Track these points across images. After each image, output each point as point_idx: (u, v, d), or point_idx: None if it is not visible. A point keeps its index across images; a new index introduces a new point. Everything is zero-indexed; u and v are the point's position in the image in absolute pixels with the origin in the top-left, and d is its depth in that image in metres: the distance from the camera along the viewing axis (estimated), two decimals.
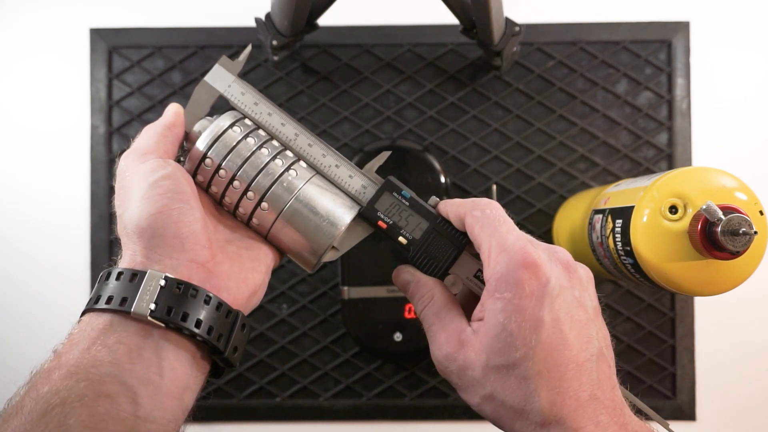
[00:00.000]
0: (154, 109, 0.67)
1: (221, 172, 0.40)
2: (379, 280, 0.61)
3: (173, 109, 0.42)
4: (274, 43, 0.58)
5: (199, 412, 0.67)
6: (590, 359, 0.34)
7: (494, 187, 0.65)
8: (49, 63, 0.68)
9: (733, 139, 0.67)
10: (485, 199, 0.39)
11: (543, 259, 0.35)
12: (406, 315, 0.61)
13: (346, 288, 0.61)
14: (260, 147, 0.41)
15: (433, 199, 0.41)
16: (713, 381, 0.65)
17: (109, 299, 0.35)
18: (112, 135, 0.67)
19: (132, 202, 0.37)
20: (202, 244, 0.37)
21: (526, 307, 0.34)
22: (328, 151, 0.42)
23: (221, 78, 0.42)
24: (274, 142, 0.42)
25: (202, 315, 0.35)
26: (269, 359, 0.65)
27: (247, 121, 0.42)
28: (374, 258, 0.60)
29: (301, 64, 0.67)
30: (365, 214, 0.41)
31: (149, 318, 0.34)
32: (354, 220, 0.41)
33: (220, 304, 0.36)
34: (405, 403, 0.65)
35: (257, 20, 0.59)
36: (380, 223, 0.41)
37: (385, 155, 0.43)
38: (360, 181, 0.41)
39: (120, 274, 0.35)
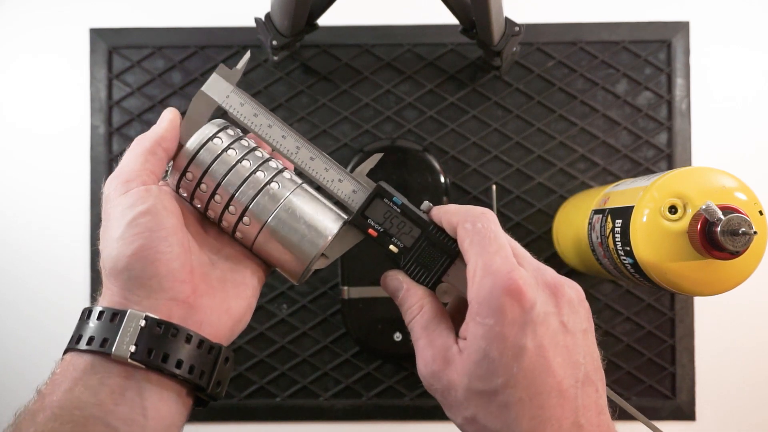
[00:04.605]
0: (154, 109, 0.67)
1: (202, 186, 0.39)
2: (379, 280, 0.60)
3: (168, 118, 0.40)
4: (274, 43, 0.58)
5: (199, 412, 0.67)
6: (575, 385, 0.34)
7: (494, 187, 0.65)
8: (49, 63, 0.68)
9: (733, 139, 0.67)
10: (479, 209, 0.37)
11: (529, 284, 0.34)
12: None
13: (346, 288, 0.61)
14: (242, 159, 0.39)
15: (426, 204, 0.40)
16: (713, 381, 0.65)
17: (90, 340, 0.34)
18: (112, 135, 0.67)
19: (109, 241, 0.36)
20: (181, 279, 0.36)
21: (507, 335, 0.33)
22: (330, 164, 0.40)
23: (219, 88, 0.41)
24: (258, 152, 0.40)
25: (183, 354, 0.35)
26: (269, 359, 0.65)
27: (230, 130, 0.40)
28: (374, 258, 0.60)
29: (301, 64, 0.67)
30: (355, 222, 0.40)
31: (129, 360, 0.34)
32: (343, 227, 0.40)
33: (202, 342, 0.36)
34: (405, 403, 0.65)
35: (257, 20, 0.59)
36: (370, 231, 0.40)
37: (376, 158, 0.41)
38: (350, 186, 0.40)
39: (101, 313, 0.35)
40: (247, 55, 0.43)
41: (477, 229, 0.36)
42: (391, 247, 0.39)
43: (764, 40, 0.68)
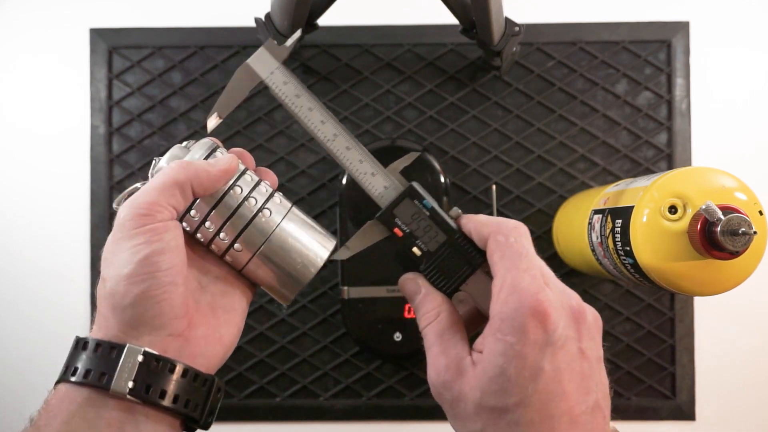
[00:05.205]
0: (154, 109, 0.67)
1: (192, 212, 0.38)
2: (379, 280, 0.60)
3: (224, 169, 0.38)
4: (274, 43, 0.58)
5: None
6: (585, 411, 0.33)
7: (494, 187, 0.65)
8: (49, 63, 0.68)
9: (733, 139, 0.67)
10: (512, 223, 0.37)
11: (554, 307, 0.34)
12: (406, 315, 0.61)
13: (346, 288, 0.61)
14: (233, 185, 0.39)
15: (455, 210, 0.40)
16: (713, 381, 0.65)
17: (87, 373, 0.34)
18: (112, 135, 0.67)
19: (116, 275, 0.35)
20: (180, 316, 0.36)
21: (527, 355, 0.33)
22: (365, 156, 0.40)
23: (265, 63, 0.39)
24: (247, 176, 0.40)
25: (180, 389, 0.35)
26: (269, 359, 0.65)
27: (219, 153, 0.39)
28: (374, 258, 0.60)
29: (301, 64, 0.67)
30: (382, 219, 0.40)
31: (128, 397, 0.34)
32: (372, 221, 0.40)
33: (197, 375, 0.36)
34: (405, 403, 0.65)
35: (257, 20, 0.59)
36: (396, 230, 0.39)
37: (412, 156, 0.41)
38: (382, 182, 0.40)
39: (98, 345, 0.35)
40: (299, 32, 0.42)
41: (510, 243, 0.36)
42: (415, 249, 0.39)
43: (764, 40, 0.68)
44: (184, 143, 0.41)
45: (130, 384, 0.34)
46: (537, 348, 0.33)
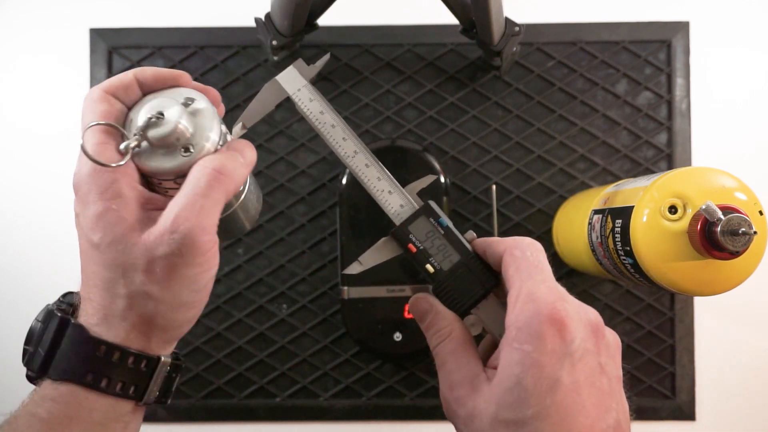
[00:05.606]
0: None
1: (179, 180, 0.36)
2: (379, 280, 0.61)
3: (252, 161, 0.38)
4: (274, 43, 0.58)
5: (200, 412, 0.67)
6: (606, 430, 0.32)
7: (494, 187, 0.65)
8: (49, 63, 0.68)
9: (733, 139, 0.67)
10: (528, 239, 0.37)
11: (571, 317, 0.33)
12: (406, 315, 0.61)
13: (346, 288, 0.61)
14: None
15: (470, 233, 0.40)
16: (713, 381, 0.65)
17: (115, 384, 0.34)
18: None
19: (176, 303, 0.34)
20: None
21: (545, 364, 0.32)
22: (383, 174, 0.41)
23: (293, 80, 0.42)
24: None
25: (173, 386, 0.37)
26: (269, 359, 0.65)
27: (223, 127, 0.39)
28: None
29: None
30: (397, 235, 0.40)
31: (151, 403, 0.36)
32: (387, 238, 0.41)
33: (178, 366, 0.38)
34: (405, 403, 0.65)
35: (257, 20, 0.59)
36: (410, 246, 0.39)
37: (430, 178, 0.42)
38: (398, 200, 0.41)
39: (127, 355, 0.34)
40: (327, 56, 0.43)
41: (525, 256, 0.35)
42: (428, 266, 0.39)
43: (764, 40, 0.68)
44: (182, 98, 0.38)
45: (156, 393, 0.36)
46: (555, 358, 0.32)
